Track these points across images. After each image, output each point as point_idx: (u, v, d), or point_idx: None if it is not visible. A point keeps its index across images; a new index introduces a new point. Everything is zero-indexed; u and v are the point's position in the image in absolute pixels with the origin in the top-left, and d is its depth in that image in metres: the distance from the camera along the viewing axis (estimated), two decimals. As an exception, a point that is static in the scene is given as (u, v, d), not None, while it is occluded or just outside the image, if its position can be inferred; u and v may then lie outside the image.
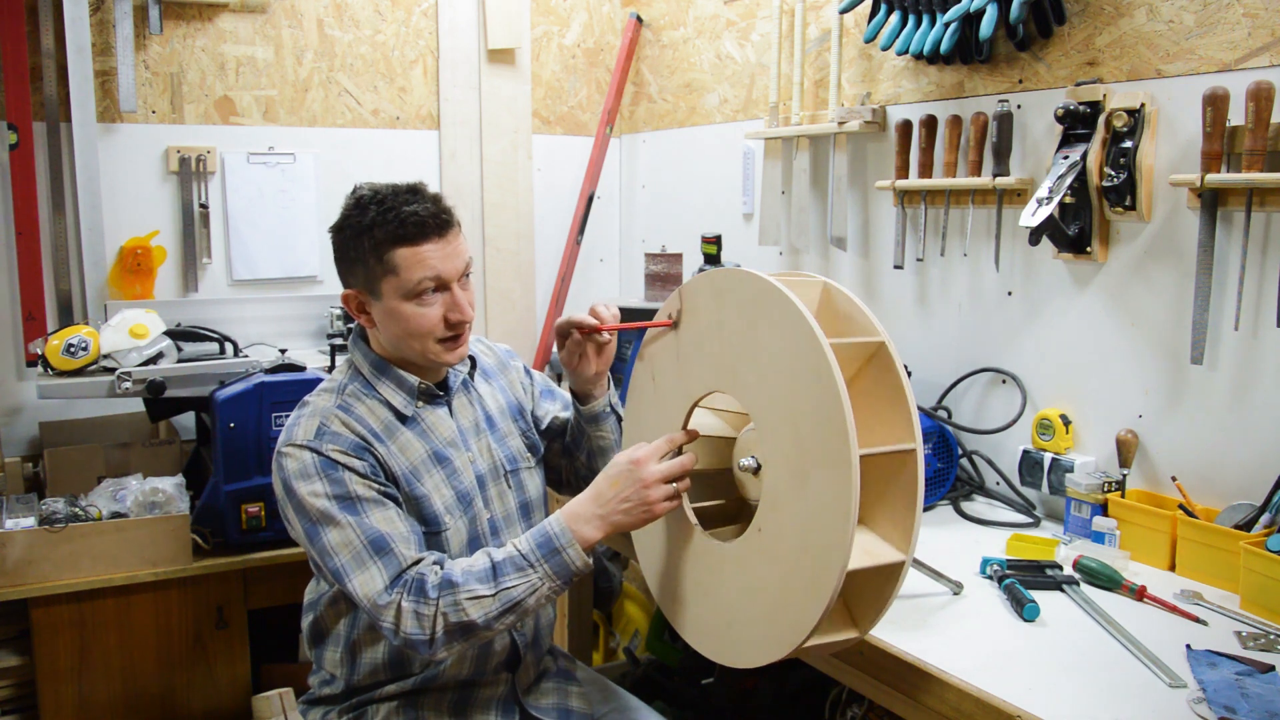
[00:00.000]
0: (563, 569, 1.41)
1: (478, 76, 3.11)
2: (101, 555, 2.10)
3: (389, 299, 1.51)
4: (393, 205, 1.49)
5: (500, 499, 1.66)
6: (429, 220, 1.49)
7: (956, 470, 2.08)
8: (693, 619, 1.47)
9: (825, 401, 1.21)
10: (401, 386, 1.58)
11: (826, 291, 1.40)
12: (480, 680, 1.64)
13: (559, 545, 1.41)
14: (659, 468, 1.40)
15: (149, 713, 2.19)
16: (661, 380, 1.53)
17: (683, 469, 1.42)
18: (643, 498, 1.39)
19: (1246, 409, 1.67)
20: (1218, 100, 1.62)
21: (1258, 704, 1.22)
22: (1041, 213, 1.77)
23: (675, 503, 1.42)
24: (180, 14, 2.70)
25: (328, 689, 1.64)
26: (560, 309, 3.28)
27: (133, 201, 2.69)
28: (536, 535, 1.42)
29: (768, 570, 1.31)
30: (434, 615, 1.38)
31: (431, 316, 1.51)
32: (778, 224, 2.63)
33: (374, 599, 1.41)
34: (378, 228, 1.49)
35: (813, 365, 1.22)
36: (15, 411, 2.60)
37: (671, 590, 1.52)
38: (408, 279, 1.49)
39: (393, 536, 1.44)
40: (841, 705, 2.11)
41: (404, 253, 1.49)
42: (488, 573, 1.40)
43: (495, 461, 1.67)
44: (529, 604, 1.40)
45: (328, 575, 1.48)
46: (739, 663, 1.38)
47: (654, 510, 1.40)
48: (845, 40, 2.39)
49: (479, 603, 1.38)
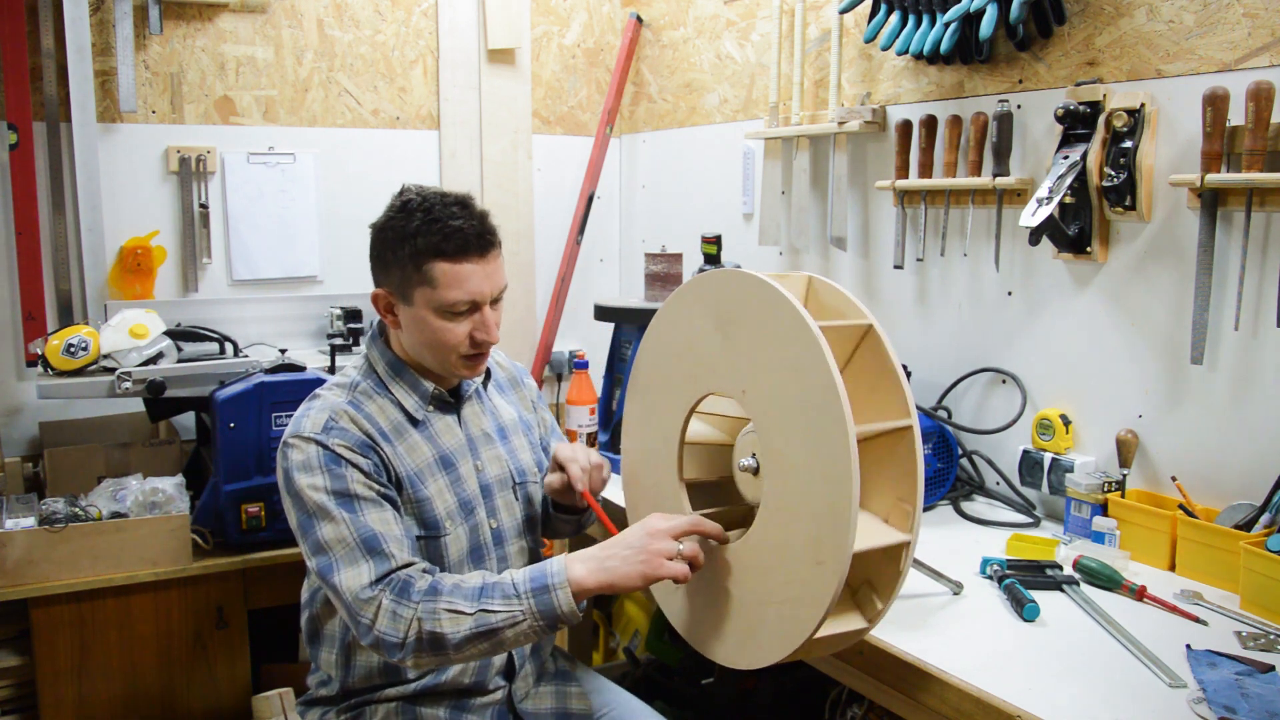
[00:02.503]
0: (547, 608, 1.36)
1: (478, 76, 3.11)
2: (101, 555, 2.10)
3: (420, 308, 1.51)
4: (439, 216, 1.48)
5: (508, 509, 1.66)
6: (473, 239, 1.49)
7: (956, 470, 2.08)
8: (693, 619, 1.47)
9: (819, 386, 1.21)
10: (415, 390, 1.58)
11: (811, 284, 1.41)
12: (477, 688, 1.63)
13: (551, 584, 1.37)
14: (669, 524, 1.38)
15: (149, 713, 2.19)
16: (654, 391, 1.54)
17: (696, 555, 1.37)
18: (644, 544, 1.36)
19: (1246, 409, 1.67)
20: (1218, 100, 1.62)
21: (1258, 704, 1.22)
22: (1041, 213, 1.77)
23: (681, 569, 1.36)
24: (180, 14, 2.70)
25: (324, 690, 1.64)
26: (560, 309, 3.28)
27: (133, 201, 2.69)
28: (533, 570, 1.40)
29: (771, 566, 1.30)
30: (411, 619, 1.36)
31: (458, 333, 1.51)
32: (778, 224, 2.63)
33: (356, 593, 1.39)
34: (420, 236, 1.47)
35: (805, 351, 1.22)
36: (15, 411, 2.60)
37: (672, 590, 1.52)
38: (444, 296, 1.48)
39: (386, 537, 1.44)
40: (841, 705, 2.11)
41: (444, 267, 1.48)
42: (475, 592, 1.38)
43: (508, 471, 1.67)
44: (505, 636, 1.36)
45: (311, 569, 1.47)
46: (741, 663, 1.38)
47: (652, 562, 1.34)
48: (845, 40, 2.39)
49: (455, 618, 1.36)
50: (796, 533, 1.26)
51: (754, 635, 1.35)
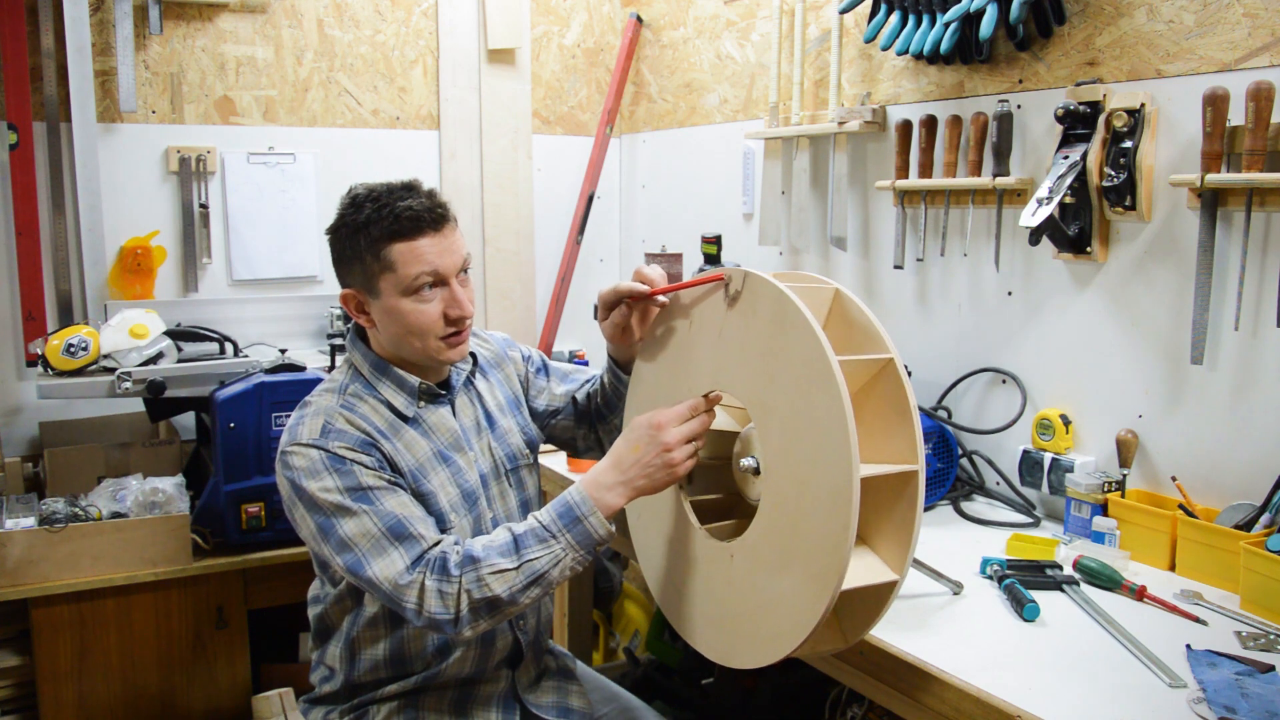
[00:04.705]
0: (585, 538, 1.40)
1: (478, 76, 3.11)
2: (101, 555, 2.10)
3: (387, 297, 1.51)
4: (387, 202, 1.49)
5: (502, 498, 1.66)
6: (424, 215, 1.49)
7: (956, 470, 2.08)
8: (693, 618, 1.47)
9: (831, 422, 1.20)
10: (402, 387, 1.57)
11: (838, 298, 1.40)
12: (481, 677, 1.63)
13: (580, 514, 1.39)
14: (680, 430, 1.39)
15: (149, 713, 2.20)
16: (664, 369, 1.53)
17: (704, 428, 1.41)
18: (666, 460, 1.38)
19: (1246, 409, 1.67)
20: (1218, 100, 1.62)
21: (1258, 704, 1.22)
22: (1041, 213, 1.77)
23: (694, 460, 1.41)
24: (180, 14, 2.70)
25: (328, 685, 1.64)
26: (560, 309, 3.28)
27: (133, 201, 2.69)
28: (557, 506, 1.42)
29: (763, 576, 1.31)
30: (458, 593, 1.38)
31: (430, 313, 1.51)
32: (778, 224, 2.63)
33: (395, 580, 1.40)
34: (373, 225, 1.48)
35: (821, 384, 1.22)
36: (15, 411, 2.60)
37: (671, 590, 1.52)
38: (405, 274, 1.48)
39: (410, 519, 1.44)
40: (841, 705, 2.12)
41: (400, 248, 1.48)
42: (509, 546, 1.39)
43: (496, 461, 1.67)
44: (553, 575, 1.39)
45: (340, 570, 1.46)
46: (738, 663, 1.38)
47: (676, 472, 1.39)
48: (845, 40, 2.39)
49: (502, 576, 1.38)
50: (790, 550, 1.26)
51: (745, 635, 1.35)
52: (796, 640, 1.25)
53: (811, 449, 1.23)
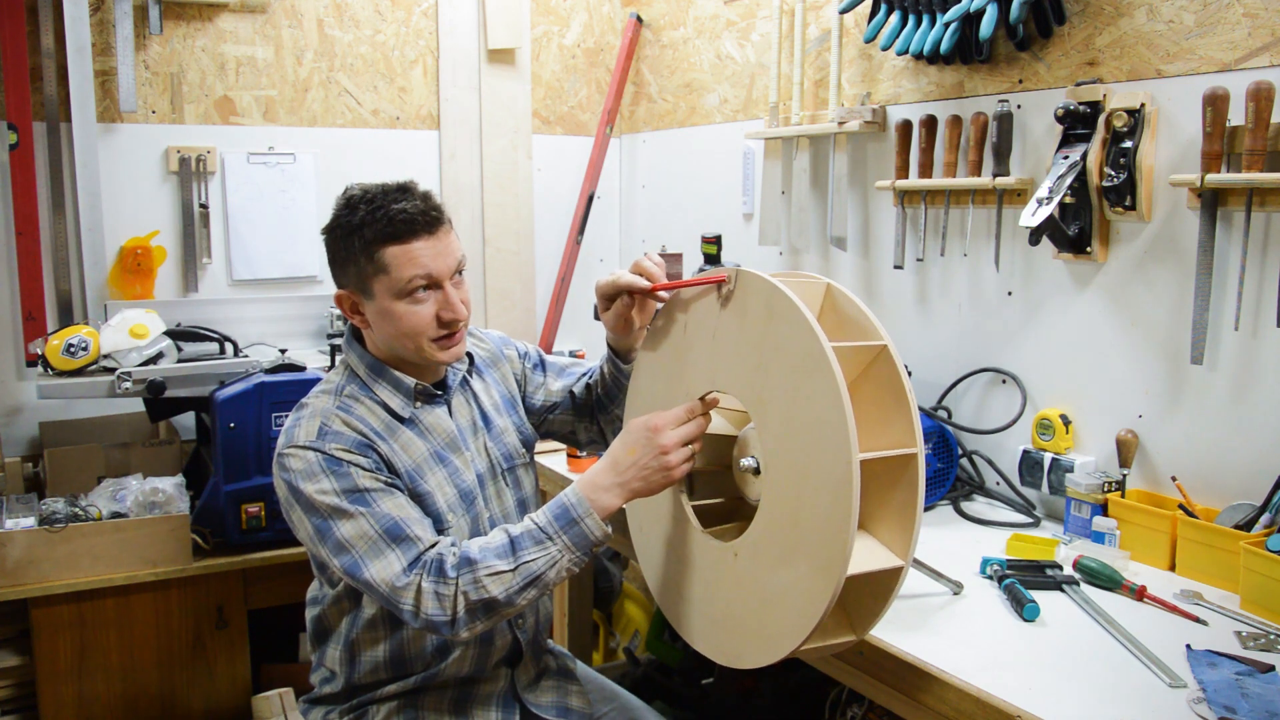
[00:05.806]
0: (581, 539, 1.40)
1: (478, 76, 3.11)
2: (101, 555, 2.10)
3: (381, 298, 1.51)
4: (382, 204, 1.49)
5: (499, 497, 1.66)
6: (418, 218, 1.49)
7: (956, 470, 2.08)
8: (693, 618, 1.47)
9: (828, 408, 1.20)
10: (398, 389, 1.57)
11: (830, 293, 1.40)
12: (480, 677, 1.64)
13: (576, 516, 1.40)
14: (677, 433, 1.40)
15: (149, 713, 2.20)
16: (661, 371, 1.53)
17: (700, 431, 1.41)
18: (662, 464, 1.39)
19: (1246, 409, 1.67)
20: (1218, 100, 1.62)
21: (1258, 704, 1.22)
22: (1041, 213, 1.77)
23: (690, 464, 1.41)
24: (180, 14, 2.70)
25: (328, 687, 1.64)
26: (560, 309, 3.28)
27: (133, 201, 2.69)
28: (553, 507, 1.42)
29: (767, 572, 1.31)
30: (454, 594, 1.38)
31: (424, 315, 1.51)
32: (778, 224, 2.63)
33: (392, 582, 1.40)
34: (367, 227, 1.48)
35: (816, 371, 1.22)
36: (15, 411, 2.60)
37: (671, 590, 1.52)
38: (399, 277, 1.48)
39: (407, 521, 1.44)
40: (841, 705, 2.12)
41: (394, 251, 1.48)
42: (506, 548, 1.40)
43: (492, 460, 1.67)
44: (549, 577, 1.40)
45: (337, 571, 1.47)
46: (739, 663, 1.38)
47: (673, 475, 1.39)
48: (845, 40, 2.39)
49: (499, 578, 1.38)
50: (792, 543, 1.26)
51: (746, 635, 1.35)
52: (804, 633, 1.24)
53: (810, 437, 1.23)
